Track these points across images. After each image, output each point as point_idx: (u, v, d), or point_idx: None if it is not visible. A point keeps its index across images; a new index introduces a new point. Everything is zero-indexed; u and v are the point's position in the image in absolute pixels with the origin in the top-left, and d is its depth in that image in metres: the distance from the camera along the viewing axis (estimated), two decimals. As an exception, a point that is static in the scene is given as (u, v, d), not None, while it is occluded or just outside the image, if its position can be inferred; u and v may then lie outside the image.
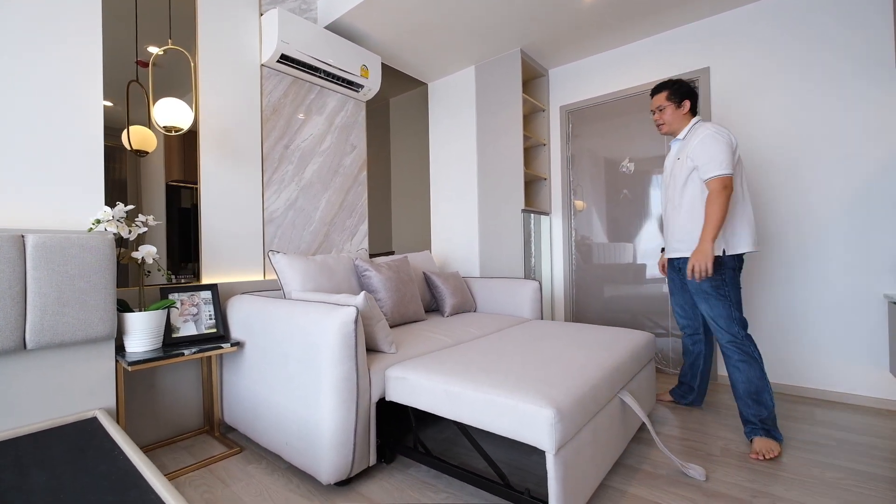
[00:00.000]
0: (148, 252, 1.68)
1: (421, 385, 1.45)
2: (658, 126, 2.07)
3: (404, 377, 1.51)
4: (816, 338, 2.34)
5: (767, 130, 2.47)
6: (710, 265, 1.73)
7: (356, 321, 1.45)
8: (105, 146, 1.75)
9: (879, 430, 1.91)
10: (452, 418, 1.36)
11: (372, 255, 3.02)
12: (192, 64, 1.97)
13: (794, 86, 2.39)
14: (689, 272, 1.79)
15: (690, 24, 2.72)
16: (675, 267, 2.10)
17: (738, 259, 1.85)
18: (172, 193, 1.99)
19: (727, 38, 2.60)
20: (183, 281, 2.00)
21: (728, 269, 1.83)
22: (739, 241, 1.84)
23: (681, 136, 2.00)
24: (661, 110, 2.04)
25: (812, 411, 2.14)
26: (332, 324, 1.43)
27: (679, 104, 1.99)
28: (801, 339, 2.38)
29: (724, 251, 1.82)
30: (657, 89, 2.06)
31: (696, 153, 1.84)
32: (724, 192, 1.74)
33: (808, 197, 2.35)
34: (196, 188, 2.05)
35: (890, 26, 2.13)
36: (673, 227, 1.99)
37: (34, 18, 1.56)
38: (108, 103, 1.77)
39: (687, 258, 1.93)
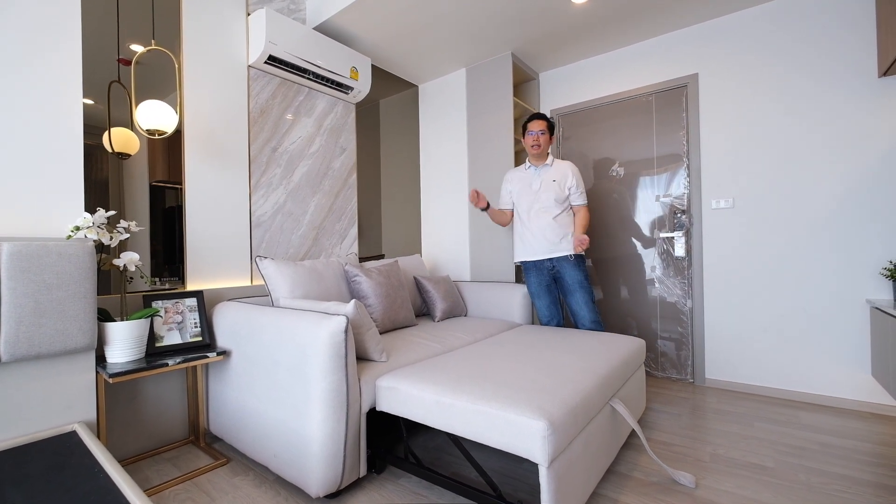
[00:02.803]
0: (130, 259, 1.63)
1: (412, 396, 1.43)
2: (534, 146, 2.42)
3: (395, 387, 1.49)
4: (801, 341, 2.38)
5: (754, 136, 2.50)
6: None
7: (346, 331, 1.43)
8: (85, 145, 1.69)
9: (862, 433, 1.95)
10: (444, 429, 1.34)
11: (362, 259, 3.00)
12: (177, 64, 1.92)
13: (780, 93, 2.42)
14: (577, 248, 2.24)
15: (680, 30, 2.75)
16: (545, 268, 2.45)
17: None
18: (156, 194, 1.93)
19: (716, 45, 2.63)
20: (167, 286, 1.95)
21: (585, 266, 2.46)
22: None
23: (548, 161, 2.45)
24: (542, 134, 2.41)
25: (797, 414, 2.18)
26: (321, 333, 1.40)
27: (550, 136, 2.45)
28: (786, 342, 2.42)
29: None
30: (540, 116, 2.43)
31: (573, 184, 2.41)
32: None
33: (793, 202, 2.39)
34: (181, 188, 2.00)
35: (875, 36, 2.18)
36: (549, 231, 2.40)
37: (4, 11, 1.50)
38: (89, 101, 1.71)
39: (564, 256, 2.38)
